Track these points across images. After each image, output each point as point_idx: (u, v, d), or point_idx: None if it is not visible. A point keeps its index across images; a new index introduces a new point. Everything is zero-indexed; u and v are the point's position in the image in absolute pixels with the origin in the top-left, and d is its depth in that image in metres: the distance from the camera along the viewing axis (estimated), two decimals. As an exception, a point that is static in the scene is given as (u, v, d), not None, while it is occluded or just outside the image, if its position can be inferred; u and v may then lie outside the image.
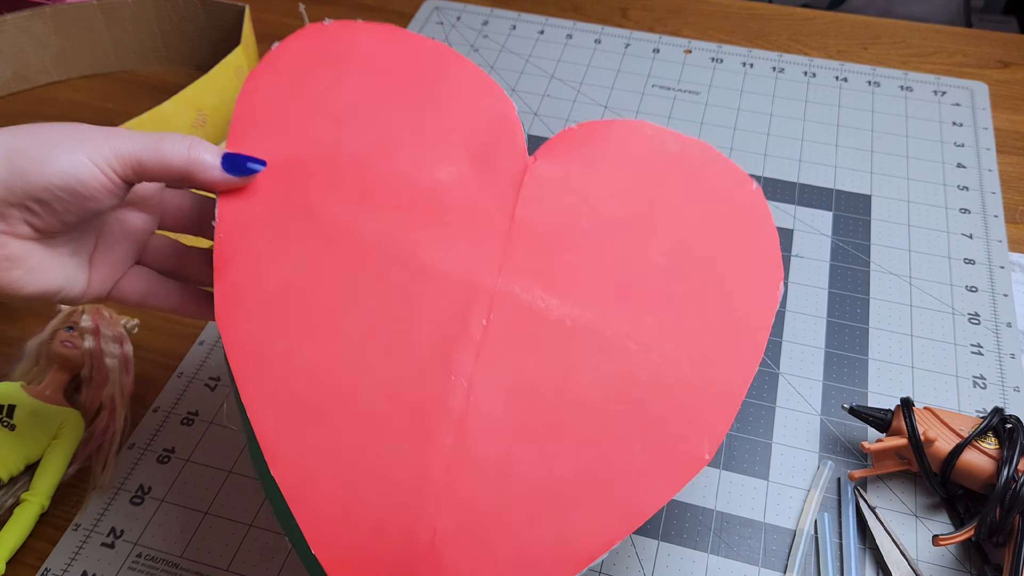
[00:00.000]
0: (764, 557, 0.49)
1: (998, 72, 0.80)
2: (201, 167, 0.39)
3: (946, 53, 0.82)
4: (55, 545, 0.49)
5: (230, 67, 0.69)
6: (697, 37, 0.84)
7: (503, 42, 0.83)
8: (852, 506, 0.50)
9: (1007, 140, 0.74)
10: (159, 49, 0.80)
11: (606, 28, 0.85)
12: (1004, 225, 0.66)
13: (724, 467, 0.53)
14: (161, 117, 0.66)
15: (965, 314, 0.60)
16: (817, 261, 0.64)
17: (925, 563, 0.48)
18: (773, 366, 0.58)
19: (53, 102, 0.78)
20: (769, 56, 0.82)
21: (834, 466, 0.52)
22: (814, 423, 0.55)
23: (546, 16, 0.86)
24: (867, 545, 0.49)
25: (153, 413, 0.55)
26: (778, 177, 0.70)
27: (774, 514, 0.51)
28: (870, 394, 0.56)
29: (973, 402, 0.55)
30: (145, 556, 0.49)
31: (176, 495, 0.51)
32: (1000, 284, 0.62)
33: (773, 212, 0.67)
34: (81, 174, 0.37)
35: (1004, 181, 0.70)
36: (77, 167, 0.37)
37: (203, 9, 0.76)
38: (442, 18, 0.86)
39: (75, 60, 0.79)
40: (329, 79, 0.45)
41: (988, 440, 0.48)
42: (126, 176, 0.38)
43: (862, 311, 0.61)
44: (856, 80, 0.79)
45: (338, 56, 0.46)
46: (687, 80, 0.79)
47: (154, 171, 0.39)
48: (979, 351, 0.58)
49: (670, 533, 0.50)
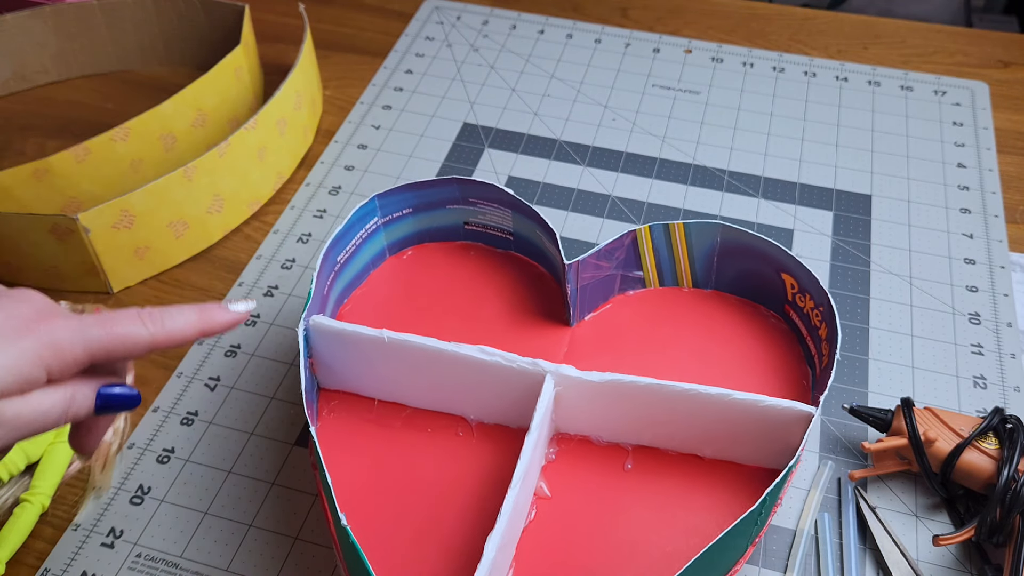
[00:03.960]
0: (764, 557, 0.49)
1: (998, 72, 0.80)
2: (70, 405, 0.36)
3: (946, 53, 0.82)
4: (55, 545, 0.49)
5: (230, 67, 0.69)
6: (697, 37, 0.84)
7: (503, 42, 0.83)
8: (852, 506, 0.50)
9: (1007, 140, 0.74)
10: (159, 49, 0.80)
11: (606, 28, 0.85)
12: (1004, 225, 0.66)
13: (724, 467, 0.53)
14: (161, 117, 0.66)
15: (965, 314, 0.60)
16: (817, 261, 0.64)
17: (925, 563, 0.48)
18: (773, 366, 0.58)
19: (53, 102, 0.78)
20: (769, 56, 0.82)
21: (834, 466, 0.52)
22: (814, 423, 0.55)
23: (546, 16, 0.86)
24: (867, 545, 0.49)
25: (153, 413, 0.55)
26: (778, 177, 0.70)
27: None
28: (870, 394, 0.56)
29: (973, 402, 0.55)
30: (145, 556, 0.49)
31: (176, 495, 0.51)
32: (1000, 284, 0.62)
33: (774, 212, 0.67)
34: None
35: (1004, 181, 0.70)
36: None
37: (203, 9, 0.76)
38: (442, 18, 0.86)
39: (75, 60, 0.79)
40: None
41: (988, 440, 0.48)
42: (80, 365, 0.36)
43: (862, 311, 0.61)
44: (856, 80, 0.79)
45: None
46: (687, 80, 0.79)
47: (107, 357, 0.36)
48: (979, 351, 0.58)
49: (670, 533, 0.50)
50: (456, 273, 0.60)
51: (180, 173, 0.60)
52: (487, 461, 0.50)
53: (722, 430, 0.49)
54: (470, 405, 0.52)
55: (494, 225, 0.60)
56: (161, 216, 0.61)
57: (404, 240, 0.61)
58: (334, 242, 0.53)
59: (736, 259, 0.56)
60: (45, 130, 0.75)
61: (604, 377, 0.48)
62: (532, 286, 0.59)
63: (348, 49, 0.84)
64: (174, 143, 0.68)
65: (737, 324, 0.56)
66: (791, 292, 0.54)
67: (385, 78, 0.80)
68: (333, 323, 0.50)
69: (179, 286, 0.63)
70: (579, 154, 0.72)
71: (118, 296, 0.62)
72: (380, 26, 0.86)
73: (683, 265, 0.57)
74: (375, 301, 0.58)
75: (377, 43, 0.84)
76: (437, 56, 0.82)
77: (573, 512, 0.48)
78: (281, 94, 0.67)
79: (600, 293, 0.57)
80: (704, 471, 0.50)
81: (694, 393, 0.47)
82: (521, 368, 0.48)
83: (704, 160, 0.72)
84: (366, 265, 0.59)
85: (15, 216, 0.57)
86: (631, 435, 0.51)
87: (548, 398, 0.48)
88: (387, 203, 0.57)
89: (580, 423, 0.51)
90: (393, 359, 0.51)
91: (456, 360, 0.49)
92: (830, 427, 0.54)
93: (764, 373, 0.54)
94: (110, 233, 0.59)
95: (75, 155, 0.63)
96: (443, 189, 0.58)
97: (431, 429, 0.52)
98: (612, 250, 0.55)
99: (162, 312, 0.38)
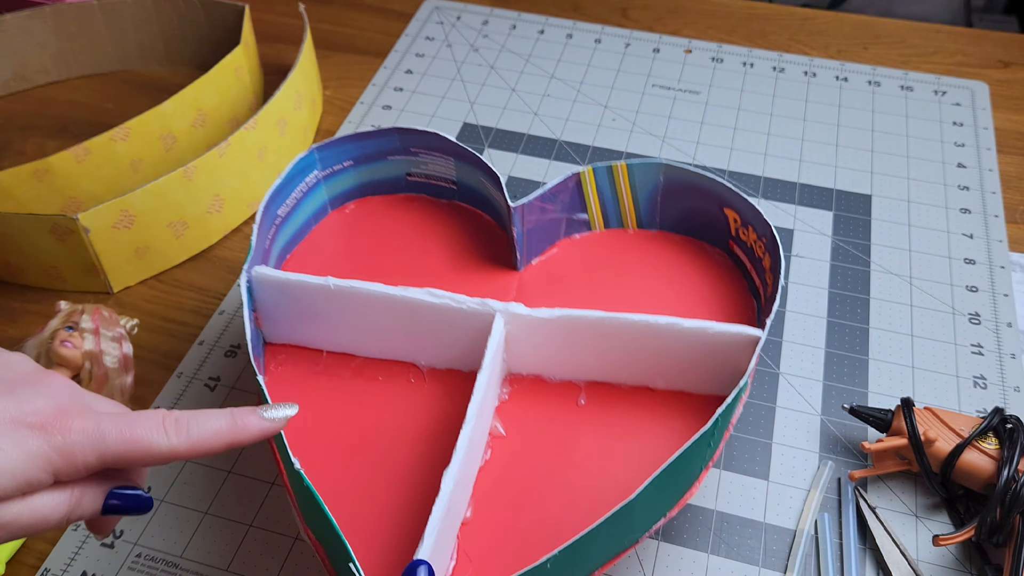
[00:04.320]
0: (764, 557, 0.49)
1: (998, 72, 0.80)
2: (73, 508, 0.34)
3: (946, 53, 0.82)
4: (55, 545, 0.49)
5: (230, 67, 0.69)
6: (697, 37, 0.84)
7: (503, 42, 0.83)
8: (852, 506, 0.50)
9: (1008, 140, 0.74)
10: (159, 49, 0.80)
11: (606, 28, 0.85)
12: (1004, 225, 0.66)
13: (724, 467, 0.53)
14: (161, 117, 0.66)
15: (965, 314, 0.60)
16: (817, 261, 0.64)
17: (925, 563, 0.48)
18: (773, 366, 0.58)
19: (53, 102, 0.78)
20: (769, 56, 0.82)
21: (834, 466, 0.52)
22: (814, 423, 0.55)
23: (546, 16, 0.86)
24: (867, 545, 0.49)
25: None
26: (778, 177, 0.70)
27: (774, 514, 0.51)
28: (870, 394, 0.56)
29: (973, 402, 0.55)
30: (145, 556, 0.49)
31: (176, 495, 0.51)
32: (1000, 284, 0.62)
33: (774, 212, 0.67)
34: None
35: (1004, 181, 0.70)
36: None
37: (203, 9, 0.76)
38: (442, 18, 0.86)
39: (75, 60, 0.79)
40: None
41: (988, 440, 0.48)
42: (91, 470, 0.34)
43: (862, 311, 0.61)
44: (856, 80, 0.79)
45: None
46: (687, 80, 0.79)
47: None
48: (979, 351, 0.58)
49: (670, 533, 0.50)
50: (400, 225, 0.59)
51: (180, 173, 0.60)
52: (440, 406, 0.50)
53: (672, 360, 0.49)
54: (421, 351, 0.52)
55: (437, 175, 0.59)
56: (161, 216, 0.61)
57: (346, 194, 0.60)
58: (274, 195, 0.53)
59: (680, 198, 0.56)
60: (45, 130, 0.75)
61: (553, 313, 0.48)
62: (478, 234, 0.59)
63: (348, 49, 0.83)
64: (174, 143, 0.68)
65: (683, 263, 0.56)
66: (734, 227, 0.54)
67: (385, 78, 0.80)
68: (276, 273, 0.50)
69: (179, 286, 0.63)
70: (579, 154, 0.72)
71: (118, 296, 0.62)
72: (380, 26, 0.86)
73: (627, 206, 0.57)
74: (318, 256, 0.57)
75: (377, 43, 0.84)
76: (437, 56, 0.82)
77: (529, 450, 0.48)
78: (281, 94, 0.67)
79: (546, 237, 0.57)
80: (657, 402, 0.50)
81: (643, 324, 0.47)
82: (470, 309, 0.48)
83: (704, 160, 0.72)
84: (308, 220, 0.58)
85: (15, 216, 0.57)
86: (583, 371, 0.51)
87: (499, 337, 0.48)
88: (327, 155, 0.57)
89: (532, 362, 0.51)
90: (339, 307, 0.50)
91: (404, 304, 0.49)
92: (830, 427, 0.54)
93: (711, 309, 0.54)
94: (110, 233, 0.59)
95: (75, 155, 0.63)
96: (384, 139, 0.58)
97: (382, 377, 0.52)
98: (557, 192, 0.55)
99: (189, 419, 0.35)
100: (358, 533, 0.44)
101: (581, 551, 0.39)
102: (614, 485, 0.46)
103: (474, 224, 0.60)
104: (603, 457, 0.48)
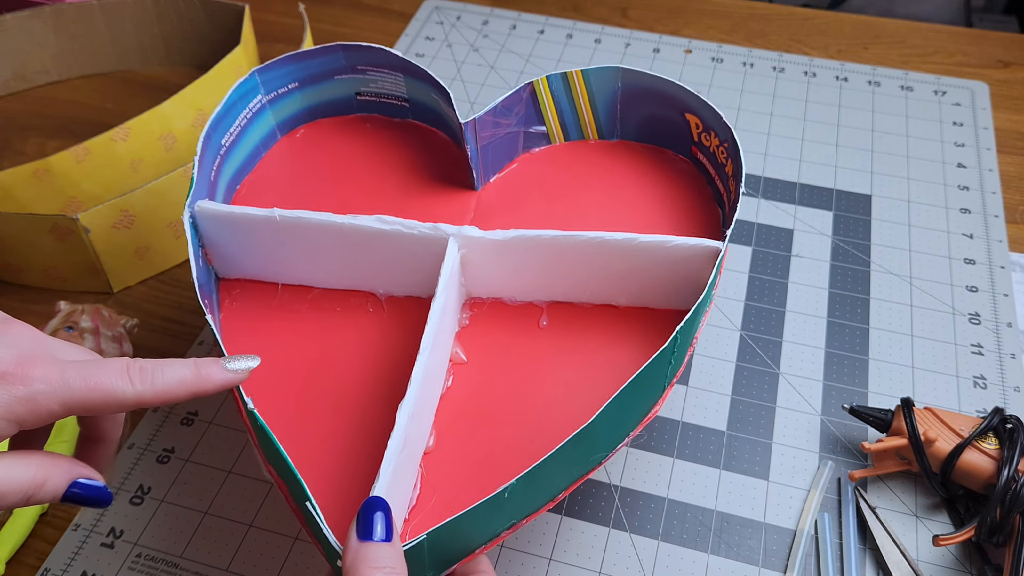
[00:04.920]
0: (764, 557, 0.49)
1: (998, 72, 0.80)
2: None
3: (946, 53, 0.82)
4: (55, 545, 0.49)
5: (230, 67, 0.69)
6: (697, 37, 0.84)
7: (503, 42, 0.83)
8: (852, 506, 0.50)
9: (1008, 140, 0.74)
10: (159, 49, 0.80)
11: (606, 28, 0.85)
12: (1004, 225, 0.66)
13: (724, 467, 0.53)
14: (161, 117, 0.66)
15: (965, 314, 0.60)
16: (817, 261, 0.64)
17: (925, 563, 0.48)
18: (773, 366, 0.58)
19: (53, 102, 0.78)
20: (769, 56, 0.82)
21: (834, 466, 0.52)
22: (814, 423, 0.55)
23: (546, 16, 0.86)
24: (867, 545, 0.49)
25: (153, 413, 0.55)
26: (778, 177, 0.70)
27: (774, 514, 0.51)
28: (870, 394, 0.56)
29: (973, 402, 0.55)
30: (145, 556, 0.49)
31: (176, 495, 0.51)
32: (1000, 284, 0.62)
33: (774, 212, 0.67)
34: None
35: (1004, 181, 0.70)
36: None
37: (203, 9, 0.76)
38: (442, 18, 0.86)
39: (75, 60, 0.79)
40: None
41: (988, 440, 0.48)
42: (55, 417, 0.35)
43: (862, 311, 0.61)
44: (856, 80, 0.79)
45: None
46: (687, 80, 0.79)
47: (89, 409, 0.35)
48: (979, 351, 0.58)
49: (670, 533, 0.50)
50: (353, 148, 0.57)
51: (180, 173, 0.60)
52: (400, 334, 0.49)
53: (632, 276, 0.48)
54: (377, 279, 0.50)
55: (388, 93, 0.57)
56: (161, 216, 0.61)
57: (294, 118, 0.57)
58: (214, 123, 0.50)
59: (640, 104, 0.55)
60: (45, 130, 0.75)
61: (508, 234, 0.47)
62: (434, 153, 0.57)
63: (348, 49, 0.83)
64: (174, 143, 0.68)
65: (646, 171, 0.55)
66: (696, 132, 0.53)
67: (385, 78, 0.80)
68: (220, 207, 0.48)
69: (179, 286, 0.63)
70: (579, 154, 0.72)
71: (118, 296, 0.62)
72: (380, 26, 0.86)
73: (586, 116, 0.56)
74: (270, 184, 0.55)
75: (377, 43, 0.84)
76: (437, 56, 0.82)
77: (491, 374, 0.47)
78: (281, 94, 0.67)
79: (504, 153, 0.55)
80: (620, 320, 0.49)
81: (600, 240, 0.46)
82: (422, 234, 0.47)
83: (704, 160, 0.72)
84: (256, 147, 0.56)
85: (15, 216, 0.57)
86: (543, 292, 0.50)
87: (453, 261, 0.47)
88: (269, 78, 0.54)
89: (491, 285, 0.50)
90: (289, 239, 0.48)
91: (354, 232, 0.47)
92: (830, 427, 0.54)
93: (676, 218, 0.52)
94: (110, 233, 0.59)
95: (75, 155, 0.63)
96: (327, 58, 0.55)
97: (340, 308, 0.50)
98: (510, 105, 0.53)
99: (153, 368, 0.35)
100: (317, 470, 0.43)
101: (540, 478, 0.38)
102: (579, 406, 0.45)
103: (430, 143, 0.57)
104: (567, 379, 0.47)
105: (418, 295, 0.50)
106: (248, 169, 0.55)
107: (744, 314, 0.60)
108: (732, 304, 0.61)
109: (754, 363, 0.58)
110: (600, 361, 0.47)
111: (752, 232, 0.66)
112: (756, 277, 0.63)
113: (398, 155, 0.57)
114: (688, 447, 0.54)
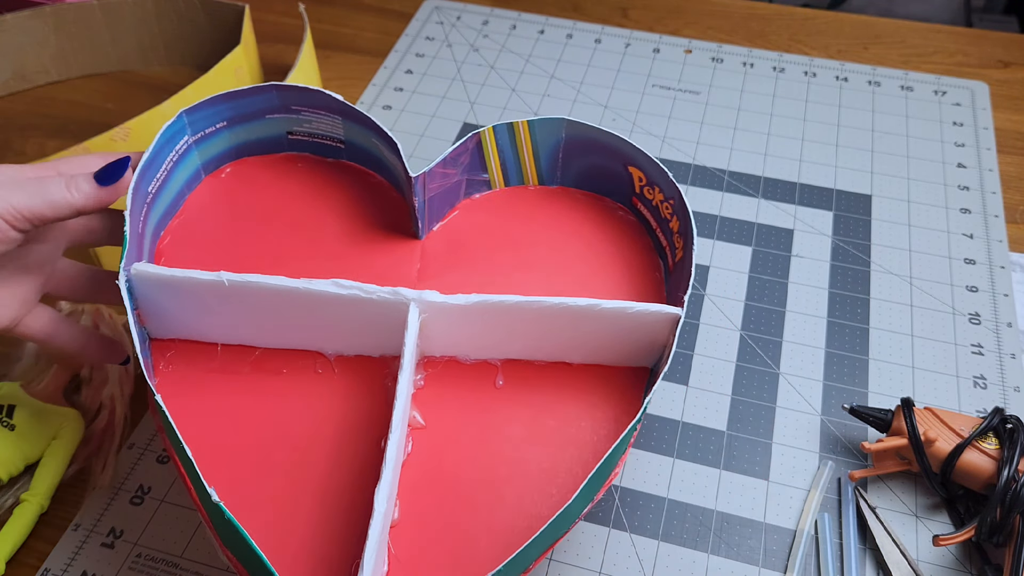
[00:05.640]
0: (764, 557, 0.49)
1: (998, 72, 0.80)
2: (85, 198, 0.42)
3: (946, 53, 0.82)
4: (55, 545, 0.49)
5: (230, 67, 0.69)
6: (697, 37, 0.84)
7: (503, 42, 0.83)
8: (852, 506, 0.50)
9: (1008, 140, 0.74)
10: (159, 49, 0.80)
11: (606, 28, 0.85)
12: (1004, 225, 0.66)
13: (724, 467, 0.53)
14: (161, 117, 0.66)
15: (965, 314, 0.60)
16: (817, 261, 0.64)
17: (925, 563, 0.48)
18: (773, 366, 0.58)
19: (53, 102, 0.78)
20: (769, 56, 0.82)
21: (834, 466, 0.52)
22: (814, 423, 0.55)
23: (546, 16, 0.86)
24: (867, 545, 0.49)
25: (153, 415, 0.55)
26: (778, 177, 0.70)
27: (774, 514, 0.51)
28: (870, 394, 0.56)
29: (973, 402, 0.55)
30: (145, 556, 0.49)
31: (176, 495, 0.51)
32: (1000, 284, 0.62)
33: (774, 212, 0.67)
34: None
35: (1004, 181, 0.70)
36: None
37: (203, 9, 0.76)
38: (442, 18, 0.86)
39: (75, 60, 0.79)
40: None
41: (988, 440, 0.48)
42: (20, 227, 0.41)
43: (862, 311, 0.61)
44: (856, 80, 0.79)
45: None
46: (687, 80, 0.79)
47: (47, 218, 0.41)
48: (979, 351, 0.58)
49: (670, 533, 0.50)
50: (283, 188, 0.54)
51: (180, 173, 0.60)
52: (353, 396, 0.47)
53: (590, 337, 0.48)
54: (327, 339, 0.48)
55: (322, 133, 0.55)
56: (161, 216, 0.61)
57: (221, 156, 0.54)
58: (142, 172, 0.46)
59: (582, 154, 0.54)
60: (45, 130, 0.75)
61: (471, 299, 0.46)
62: (371, 197, 0.55)
63: (348, 49, 0.84)
64: (174, 143, 0.68)
65: (585, 218, 0.55)
66: (639, 185, 0.53)
67: (385, 78, 0.80)
68: (160, 270, 0.45)
69: (179, 286, 0.63)
70: (579, 154, 0.72)
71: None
72: (380, 26, 0.86)
73: (528, 164, 0.55)
74: (196, 229, 0.52)
75: (377, 43, 0.84)
76: (437, 56, 0.82)
77: (450, 438, 0.46)
78: (281, 94, 0.67)
79: (446, 201, 0.54)
80: (574, 377, 0.49)
81: (563, 306, 0.46)
82: (382, 299, 0.45)
83: (704, 160, 0.72)
84: (180, 190, 0.52)
85: (15, 216, 0.57)
86: (499, 350, 0.49)
87: (415, 329, 0.46)
88: (197, 118, 0.51)
89: (447, 345, 0.49)
90: (236, 303, 0.46)
91: (309, 297, 0.45)
92: (830, 427, 0.54)
93: (615, 266, 0.52)
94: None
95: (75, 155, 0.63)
96: (260, 97, 0.52)
97: (286, 370, 0.48)
98: (457, 156, 0.52)
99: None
100: (280, 550, 0.41)
101: (519, 559, 0.38)
102: (537, 470, 0.45)
103: (366, 186, 0.55)
104: (525, 440, 0.46)
105: (368, 353, 0.49)
106: (173, 213, 0.52)
107: (744, 314, 0.60)
108: (732, 304, 0.61)
109: (754, 363, 0.58)
110: (557, 422, 0.47)
111: (752, 232, 0.66)
112: (756, 277, 0.63)
113: (333, 196, 0.55)
114: (688, 447, 0.54)
